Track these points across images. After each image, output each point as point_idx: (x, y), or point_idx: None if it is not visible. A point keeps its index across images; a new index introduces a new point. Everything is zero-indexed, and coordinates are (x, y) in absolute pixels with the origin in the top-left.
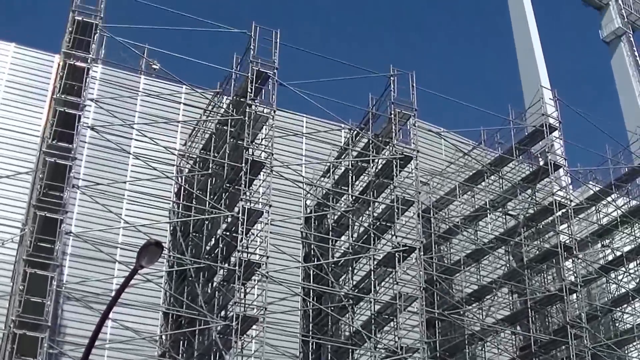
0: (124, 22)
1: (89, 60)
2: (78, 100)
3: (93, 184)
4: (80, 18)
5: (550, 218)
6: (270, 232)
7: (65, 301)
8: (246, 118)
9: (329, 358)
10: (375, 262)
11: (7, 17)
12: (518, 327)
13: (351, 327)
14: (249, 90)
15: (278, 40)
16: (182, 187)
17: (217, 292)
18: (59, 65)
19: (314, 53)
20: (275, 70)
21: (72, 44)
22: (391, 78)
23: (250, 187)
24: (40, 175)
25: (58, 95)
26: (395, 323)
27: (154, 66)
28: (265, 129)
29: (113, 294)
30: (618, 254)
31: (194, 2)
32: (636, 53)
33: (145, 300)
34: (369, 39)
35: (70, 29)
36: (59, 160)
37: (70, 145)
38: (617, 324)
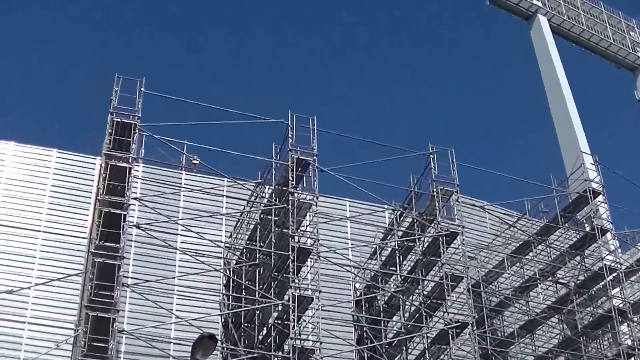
0: (162, 120)
1: (130, 160)
2: (122, 200)
3: (142, 281)
4: (119, 119)
5: (602, 283)
6: (322, 318)
7: None
8: (289, 206)
9: None
10: (429, 341)
11: (47, 124)
12: None
13: None
14: (290, 178)
15: (315, 127)
16: (231, 279)
17: None
18: (101, 166)
19: (351, 137)
20: (314, 157)
21: (112, 145)
22: (431, 156)
23: (299, 274)
24: (90, 276)
25: (102, 196)
26: None
27: (194, 161)
28: (310, 216)
29: None
30: None
31: (227, 94)
32: None
33: None
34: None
35: (109, 130)
36: (107, 260)
37: (118, 245)
38: None
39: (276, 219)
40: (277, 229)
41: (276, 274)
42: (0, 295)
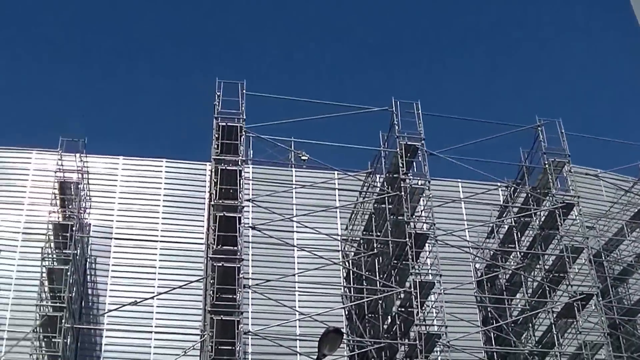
0: (265, 120)
1: (239, 163)
2: (235, 203)
3: (263, 281)
4: (224, 123)
5: None
6: (445, 301)
7: None
8: (402, 193)
9: None
10: (554, 315)
11: (152, 135)
12: None
13: None
14: (401, 165)
15: (420, 111)
16: (351, 271)
17: None
18: (211, 171)
19: (457, 117)
20: (422, 142)
21: (220, 149)
22: (539, 129)
23: (418, 260)
24: (211, 281)
25: (215, 200)
26: None
27: (303, 157)
28: (423, 200)
29: None
30: None
31: (326, 88)
32: None
33: None
34: (508, 93)
35: (216, 135)
36: (226, 263)
37: (235, 248)
38: None
39: (390, 207)
40: (392, 216)
41: (395, 261)
42: (125, 307)
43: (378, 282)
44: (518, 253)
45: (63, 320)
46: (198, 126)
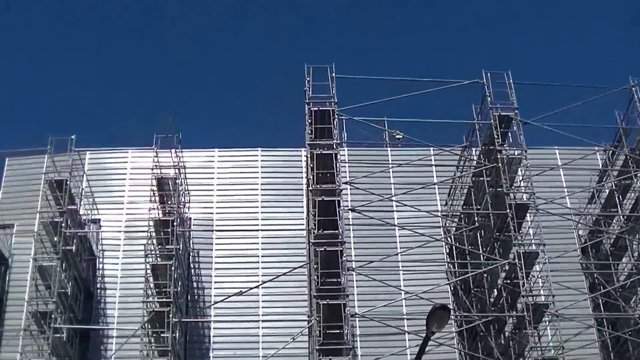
0: (356, 101)
1: (334, 146)
2: (334, 187)
3: (366, 263)
4: (316, 108)
5: None
6: (550, 271)
7: None
8: (499, 164)
9: None
10: None
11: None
12: None
13: None
14: (496, 136)
15: (511, 81)
16: (453, 246)
17: (510, 342)
18: (307, 157)
19: (549, 84)
20: (516, 111)
21: (314, 134)
22: (633, 89)
23: (520, 231)
24: (315, 266)
25: (313, 185)
26: None
27: (397, 136)
28: (521, 170)
29: None
30: None
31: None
32: None
33: None
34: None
35: (309, 120)
36: (328, 248)
37: (336, 231)
38: None
39: (488, 179)
40: (490, 189)
41: (497, 234)
42: (231, 298)
43: (481, 256)
44: (621, 217)
45: (170, 315)
46: (290, 113)
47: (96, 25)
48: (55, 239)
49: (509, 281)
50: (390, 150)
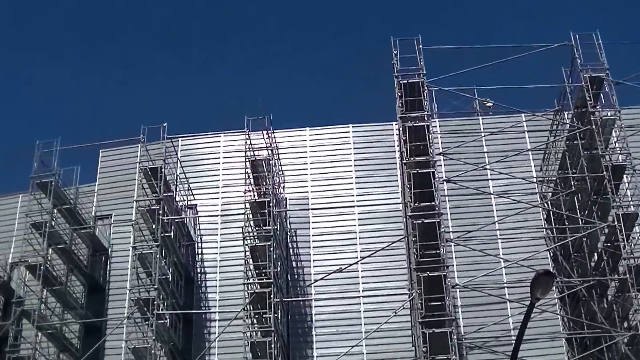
0: (443, 72)
1: (425, 118)
2: (427, 159)
3: (464, 233)
4: (405, 81)
5: None
6: None
7: (469, 352)
8: (593, 126)
9: None
10: None
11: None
12: None
13: None
14: (588, 98)
15: (600, 41)
16: (551, 212)
17: (614, 305)
18: (399, 130)
19: (637, 42)
20: (607, 72)
21: (405, 107)
22: None
23: (618, 193)
24: (413, 239)
25: (407, 159)
26: None
27: (487, 104)
28: (615, 131)
29: (511, 333)
30: None
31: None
32: None
33: (545, 332)
34: None
35: (399, 93)
36: (426, 220)
37: (433, 203)
38: None
39: (582, 142)
40: (585, 152)
41: (595, 197)
42: (331, 275)
43: (580, 220)
44: None
45: (271, 296)
46: (379, 87)
47: (180, 10)
48: (153, 226)
49: (609, 244)
50: (482, 118)
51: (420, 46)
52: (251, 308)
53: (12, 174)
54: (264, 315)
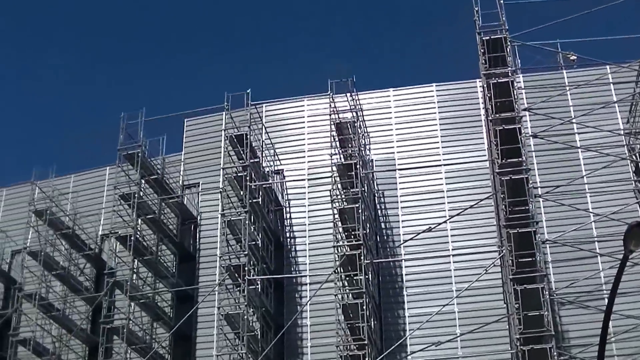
0: (526, 27)
1: (509, 74)
2: (513, 114)
3: (552, 188)
4: (487, 37)
5: None
6: None
7: (560, 307)
8: None
9: None
10: None
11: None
12: None
13: None
14: None
15: None
16: (639, 164)
17: None
18: (483, 87)
19: None
20: None
21: (488, 63)
22: None
23: None
24: (501, 195)
25: (493, 115)
26: None
27: (571, 57)
28: None
29: (603, 288)
30: None
31: None
32: None
33: (638, 285)
34: None
35: (481, 50)
36: (513, 176)
37: (520, 159)
38: None
39: None
40: None
41: None
42: (420, 235)
43: None
44: None
45: (361, 257)
46: (461, 45)
47: None
48: (241, 193)
49: None
50: (566, 72)
51: (502, 1)
52: (341, 270)
53: (99, 148)
54: (355, 277)
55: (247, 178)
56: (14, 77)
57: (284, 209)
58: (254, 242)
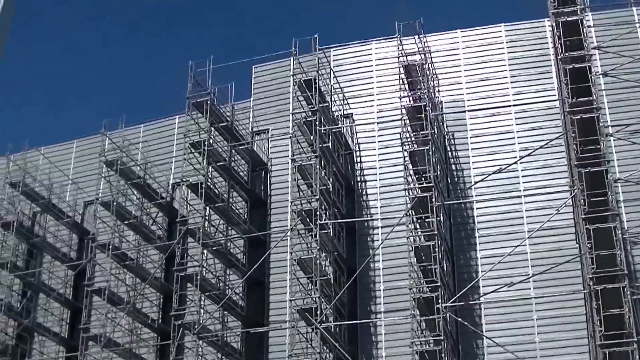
0: None
1: (578, 12)
2: (583, 53)
3: (623, 127)
4: None
5: None
6: None
7: (633, 246)
8: None
9: None
10: None
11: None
12: None
13: None
14: None
15: None
16: None
17: None
18: (552, 26)
19: None
20: None
21: (557, 2)
22: None
23: None
24: (572, 135)
25: (562, 54)
26: None
27: None
28: None
29: None
30: None
31: None
32: None
33: None
34: None
35: None
36: (584, 115)
37: (590, 98)
38: None
39: None
40: None
41: None
42: (491, 176)
43: None
44: None
45: (433, 199)
46: None
47: None
48: (311, 137)
49: None
50: (636, 9)
51: None
52: (413, 213)
53: (167, 97)
54: (426, 220)
55: (317, 123)
56: (84, 30)
57: (354, 153)
58: (325, 187)
